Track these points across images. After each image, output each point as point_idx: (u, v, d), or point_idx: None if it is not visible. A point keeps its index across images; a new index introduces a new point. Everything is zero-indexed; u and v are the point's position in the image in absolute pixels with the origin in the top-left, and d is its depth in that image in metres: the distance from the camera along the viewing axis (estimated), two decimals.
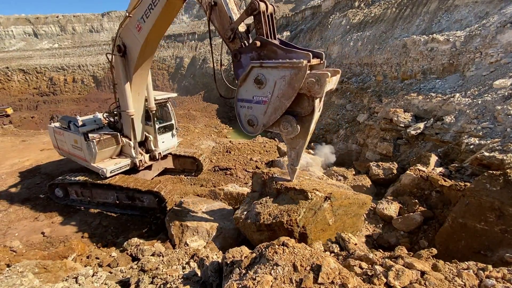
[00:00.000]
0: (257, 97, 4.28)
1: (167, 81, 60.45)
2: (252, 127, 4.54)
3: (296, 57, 3.87)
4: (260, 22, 4.20)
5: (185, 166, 13.63)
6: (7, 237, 8.97)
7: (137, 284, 5.00)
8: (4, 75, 58.32)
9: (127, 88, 8.86)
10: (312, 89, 3.77)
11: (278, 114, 4.16)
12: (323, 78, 3.64)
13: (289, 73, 3.82)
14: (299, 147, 4.57)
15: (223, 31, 4.76)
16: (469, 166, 9.54)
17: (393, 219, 7.59)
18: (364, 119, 19.19)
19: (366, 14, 28.27)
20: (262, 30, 4.26)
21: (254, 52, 4.31)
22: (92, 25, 75.04)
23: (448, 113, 13.87)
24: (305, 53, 3.87)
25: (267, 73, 4.06)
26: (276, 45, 4.11)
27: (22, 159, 15.96)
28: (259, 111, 4.33)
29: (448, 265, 3.75)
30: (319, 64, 4.24)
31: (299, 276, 2.65)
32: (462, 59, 16.26)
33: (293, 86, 3.83)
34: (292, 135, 4.30)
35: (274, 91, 4.04)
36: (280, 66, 3.89)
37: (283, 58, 3.99)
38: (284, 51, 4.03)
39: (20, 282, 4.84)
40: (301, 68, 3.69)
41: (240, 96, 4.52)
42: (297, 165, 4.86)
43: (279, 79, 3.95)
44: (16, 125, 37.85)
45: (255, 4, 4.09)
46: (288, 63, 3.81)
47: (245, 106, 4.51)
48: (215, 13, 4.85)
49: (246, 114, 4.53)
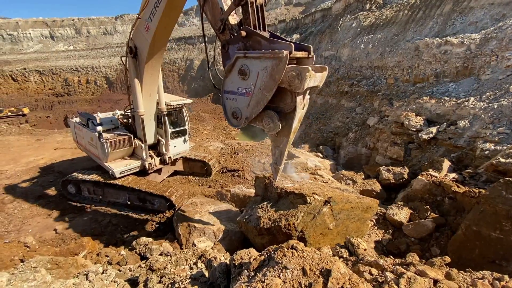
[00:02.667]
0: (241, 89, 4.23)
1: (177, 83, 61.27)
2: (236, 119, 4.46)
3: (278, 47, 3.74)
4: (248, 12, 4.11)
5: (194, 170, 13.72)
6: (21, 233, 9.23)
7: (145, 283, 5.06)
8: (21, 76, 60.43)
9: (138, 89, 9.05)
10: (293, 83, 3.67)
11: (260, 107, 4.06)
12: (304, 72, 3.53)
13: (270, 63, 3.74)
14: (283, 146, 4.45)
15: (214, 22, 4.72)
16: (484, 173, 9.25)
17: (403, 225, 7.42)
18: (374, 122, 18.91)
19: (377, 17, 27.96)
20: (250, 21, 4.16)
21: (240, 42, 4.22)
22: (105, 28, 76.96)
23: (462, 117, 13.51)
24: (287, 43, 3.74)
25: (250, 64, 4.00)
26: (261, 36, 4.00)
27: (37, 157, 16.44)
28: (243, 103, 4.26)
29: (462, 274, 3.63)
30: (308, 59, 4.12)
31: (308, 280, 2.62)
32: (477, 62, 15.84)
33: (274, 77, 3.74)
34: (274, 131, 4.19)
35: (257, 82, 3.96)
36: (262, 57, 3.82)
37: (267, 49, 3.88)
38: (268, 41, 3.93)
39: (33, 277, 4.97)
40: (282, 59, 3.59)
41: (226, 87, 4.48)
42: (280, 164, 4.71)
43: (261, 70, 3.88)
44: (32, 124, 39.08)
45: None
46: (270, 53, 3.72)
47: (230, 98, 4.46)
48: (207, 5, 4.83)
49: (231, 106, 4.47)
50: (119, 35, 75.08)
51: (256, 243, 6.01)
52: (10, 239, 8.75)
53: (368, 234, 7.26)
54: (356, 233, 6.50)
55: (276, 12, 67.98)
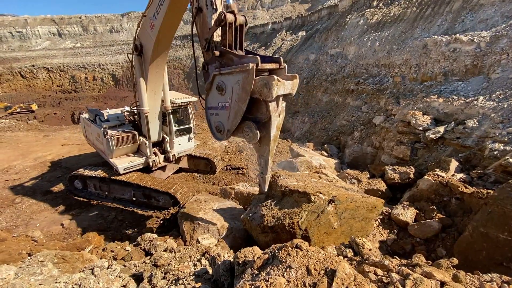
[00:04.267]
0: (221, 104, 4.57)
1: (182, 81, 61.45)
2: (220, 133, 4.80)
3: (246, 61, 4.06)
4: (225, 33, 4.39)
5: (199, 167, 13.76)
6: (29, 227, 9.40)
7: (149, 278, 5.10)
8: (30, 73, 61.30)
9: (143, 87, 9.09)
10: (263, 93, 3.94)
11: (238, 118, 4.35)
12: (270, 81, 3.80)
13: (241, 77, 4.06)
14: (266, 154, 4.67)
15: (202, 37, 5.04)
16: (492, 173, 9.08)
17: (409, 225, 7.34)
18: (380, 121, 18.69)
19: (384, 14, 27.55)
20: (226, 41, 4.46)
21: (217, 61, 4.57)
22: (112, 25, 77.48)
23: (470, 116, 13.27)
24: (254, 57, 4.04)
25: (225, 80, 4.35)
26: (233, 53, 4.33)
27: (44, 153, 16.70)
28: (224, 117, 4.58)
29: (470, 276, 3.57)
30: (280, 69, 4.39)
31: (312, 280, 2.60)
32: (487, 61, 15.50)
33: (245, 89, 4.03)
34: (254, 140, 4.43)
35: (233, 95, 4.28)
36: (234, 71, 4.17)
37: (238, 64, 4.21)
38: (239, 57, 4.26)
39: (40, 271, 5.05)
40: (249, 71, 3.89)
41: (208, 104, 4.84)
42: (266, 173, 4.95)
43: (235, 84, 4.20)
44: (40, 120, 39.69)
45: (222, 15, 4.26)
46: (239, 67, 4.05)
47: (213, 113, 4.81)
48: (199, 18, 5.07)
49: (215, 121, 4.81)
50: (125, 33, 75.54)
51: (259, 241, 6.01)
52: (18, 233, 8.92)
53: (372, 234, 7.20)
54: (361, 233, 6.45)
55: (282, 10, 67.55)
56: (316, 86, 30.59)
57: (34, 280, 4.69)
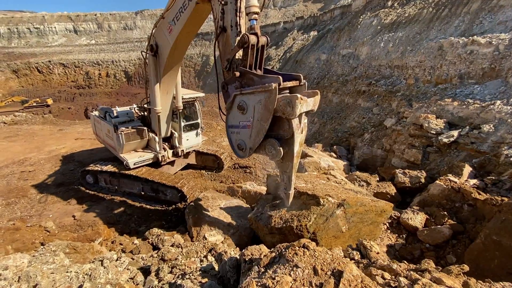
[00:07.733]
0: (242, 122, 4.65)
1: (193, 79, 62.03)
2: (242, 151, 4.86)
3: (268, 81, 4.12)
4: (247, 54, 4.48)
5: (206, 163, 13.90)
6: (42, 217, 9.71)
7: (157, 272, 5.20)
8: (46, 68, 63.19)
9: (156, 87, 9.17)
10: (286, 111, 4.00)
11: (260, 136, 4.41)
12: (293, 100, 3.87)
13: (263, 96, 4.12)
14: (289, 171, 4.71)
15: (224, 56, 5.13)
16: (507, 180, 8.80)
17: (418, 230, 7.19)
18: (391, 123, 18.37)
19: (399, 14, 27.01)
20: (246, 62, 4.54)
21: (237, 82, 4.64)
22: (126, 23, 78.82)
23: (486, 121, 12.87)
24: (276, 76, 4.10)
25: (247, 99, 4.42)
26: (253, 73, 4.40)
27: (58, 147, 17.19)
28: (246, 135, 4.65)
29: (481, 284, 3.48)
30: (300, 86, 4.47)
31: (319, 280, 2.60)
32: (506, 64, 15.00)
33: (268, 108, 4.10)
34: (277, 157, 4.47)
35: (255, 115, 4.35)
36: (256, 91, 4.23)
37: (259, 84, 4.27)
38: (259, 77, 4.32)
39: (53, 260, 5.22)
40: (272, 91, 3.95)
41: (229, 122, 4.93)
42: (289, 189, 4.98)
43: (256, 103, 4.27)
44: (55, 114, 40.88)
45: (245, 37, 4.31)
46: (261, 88, 4.12)
47: (234, 131, 4.89)
48: (222, 38, 5.17)
49: (236, 139, 4.88)
50: (139, 30, 76.72)
51: (266, 241, 6.00)
52: (32, 223, 9.22)
53: (380, 238, 7.10)
54: (369, 236, 6.36)
55: (294, 9, 67.16)
56: (327, 87, 30.30)
57: (47, 269, 4.85)
